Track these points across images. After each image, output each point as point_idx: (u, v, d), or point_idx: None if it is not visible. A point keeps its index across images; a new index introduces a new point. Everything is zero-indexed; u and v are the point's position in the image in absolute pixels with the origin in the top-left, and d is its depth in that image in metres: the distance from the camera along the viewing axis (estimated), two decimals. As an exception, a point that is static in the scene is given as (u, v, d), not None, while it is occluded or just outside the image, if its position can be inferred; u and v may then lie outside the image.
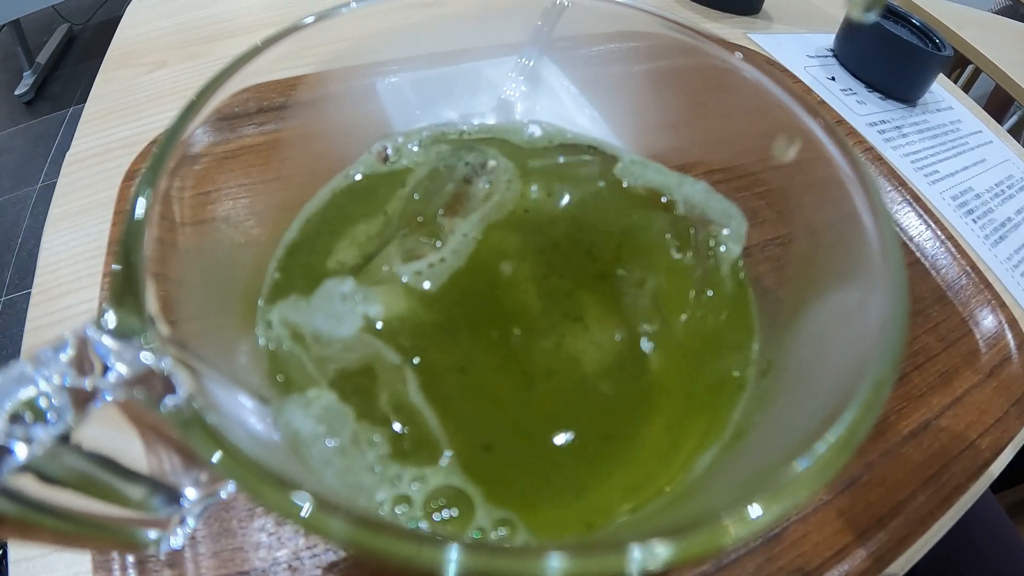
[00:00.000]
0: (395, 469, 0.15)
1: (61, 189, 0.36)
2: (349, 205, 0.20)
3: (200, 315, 0.14)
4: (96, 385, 0.11)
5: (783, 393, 0.15)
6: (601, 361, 0.18)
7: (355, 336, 0.16)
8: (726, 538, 0.10)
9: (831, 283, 0.16)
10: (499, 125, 0.24)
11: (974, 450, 0.30)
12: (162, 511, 0.13)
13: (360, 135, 0.23)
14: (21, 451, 0.10)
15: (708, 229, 0.20)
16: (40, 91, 1.97)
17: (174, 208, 0.14)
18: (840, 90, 0.51)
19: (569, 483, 0.16)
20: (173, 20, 0.51)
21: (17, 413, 0.11)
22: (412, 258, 0.18)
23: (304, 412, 0.15)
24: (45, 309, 0.30)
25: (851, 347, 0.13)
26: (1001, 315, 0.37)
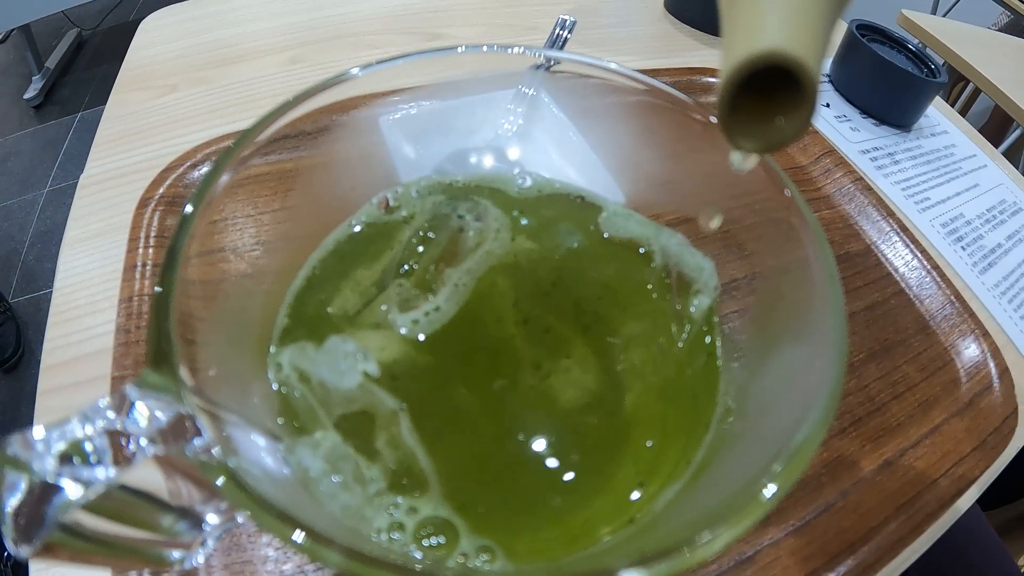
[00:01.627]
0: (391, 500, 0.17)
1: (76, 212, 0.38)
2: (352, 254, 0.22)
3: (219, 362, 0.16)
4: (136, 434, 0.12)
5: (738, 437, 0.17)
6: (580, 402, 0.19)
7: (356, 388, 0.18)
8: (686, 564, 0.11)
9: (785, 340, 0.17)
10: (492, 175, 0.26)
11: (948, 478, 0.31)
12: (187, 535, 0.15)
13: (364, 181, 0.24)
14: (71, 489, 0.12)
15: (682, 281, 0.21)
16: (49, 96, 1.98)
17: (193, 271, 0.16)
18: (834, 117, 0.52)
19: (546, 514, 0.18)
20: (184, 42, 0.53)
21: (66, 455, 0.12)
22: (409, 308, 0.20)
23: (312, 452, 0.17)
24: (62, 330, 0.32)
25: (796, 400, 0.14)
26: (984, 344, 0.38)
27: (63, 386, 0.30)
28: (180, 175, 0.38)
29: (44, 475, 0.12)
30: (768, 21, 0.11)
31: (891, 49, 0.56)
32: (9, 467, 0.12)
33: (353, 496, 0.16)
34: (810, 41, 0.11)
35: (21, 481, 0.12)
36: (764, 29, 0.11)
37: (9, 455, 0.12)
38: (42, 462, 0.12)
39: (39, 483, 0.12)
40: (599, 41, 0.55)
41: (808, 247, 0.16)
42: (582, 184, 0.25)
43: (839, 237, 0.41)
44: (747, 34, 0.11)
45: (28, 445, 0.12)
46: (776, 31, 0.11)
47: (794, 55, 0.10)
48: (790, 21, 0.11)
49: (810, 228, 0.16)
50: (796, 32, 0.11)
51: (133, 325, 0.31)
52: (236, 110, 0.45)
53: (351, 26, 0.55)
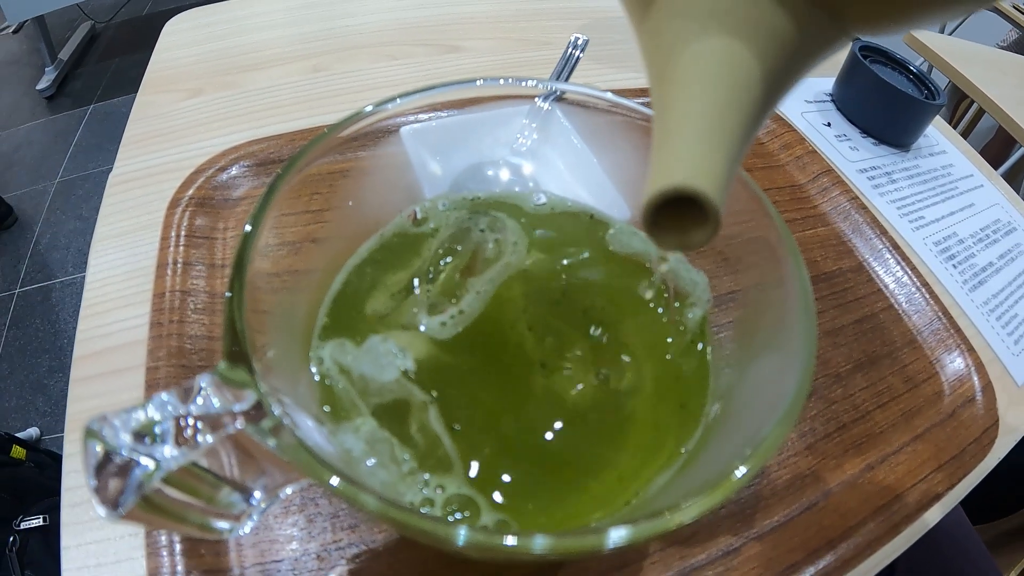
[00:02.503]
0: (421, 478, 0.20)
1: (105, 210, 0.40)
2: (384, 261, 0.25)
3: (274, 355, 0.18)
4: (208, 418, 0.15)
5: (721, 432, 0.19)
6: (586, 399, 0.22)
7: (393, 381, 0.21)
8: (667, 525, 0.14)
9: (764, 350, 0.19)
10: (510, 192, 0.28)
11: (927, 483, 0.33)
12: (237, 507, 0.17)
13: (390, 191, 0.27)
14: (149, 464, 0.14)
15: (679, 294, 0.24)
16: (61, 87, 2.01)
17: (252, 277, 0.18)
18: (834, 136, 0.54)
19: (553, 496, 0.20)
20: (207, 47, 0.55)
21: (141, 434, 0.15)
22: (436, 312, 0.23)
23: (353, 435, 0.20)
24: (94, 323, 0.34)
25: (770, 400, 0.17)
26: (968, 359, 0.40)
27: (94, 375, 0.32)
28: (209, 177, 0.40)
29: (122, 451, 0.14)
30: (678, 160, 0.14)
31: (892, 70, 0.57)
32: (92, 439, 0.14)
33: (389, 474, 0.19)
34: (713, 177, 0.13)
35: (101, 453, 0.14)
36: (674, 167, 0.14)
37: (93, 430, 0.14)
38: (119, 440, 0.14)
39: (121, 458, 0.14)
40: (611, 58, 0.57)
41: (786, 268, 0.18)
42: (592, 202, 0.28)
43: (833, 254, 0.43)
44: (662, 169, 0.14)
45: (107, 423, 0.14)
46: (683, 169, 0.13)
47: (696, 190, 0.13)
48: (696, 160, 0.14)
49: (787, 250, 0.18)
50: (700, 170, 0.13)
51: (166, 319, 0.33)
52: (260, 115, 0.47)
53: (370, 36, 0.57)
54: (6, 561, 0.79)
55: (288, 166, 0.20)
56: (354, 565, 0.25)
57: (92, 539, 0.26)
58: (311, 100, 0.49)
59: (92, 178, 1.69)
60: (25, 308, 1.39)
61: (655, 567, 0.27)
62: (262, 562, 0.25)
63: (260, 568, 0.25)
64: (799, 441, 0.33)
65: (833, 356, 0.38)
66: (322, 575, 0.25)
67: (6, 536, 0.81)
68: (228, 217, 0.39)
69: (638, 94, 0.51)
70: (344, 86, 0.51)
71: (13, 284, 1.43)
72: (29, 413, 1.21)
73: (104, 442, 0.14)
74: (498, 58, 0.57)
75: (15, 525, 0.82)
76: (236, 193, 0.40)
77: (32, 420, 1.20)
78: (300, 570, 0.25)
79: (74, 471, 0.28)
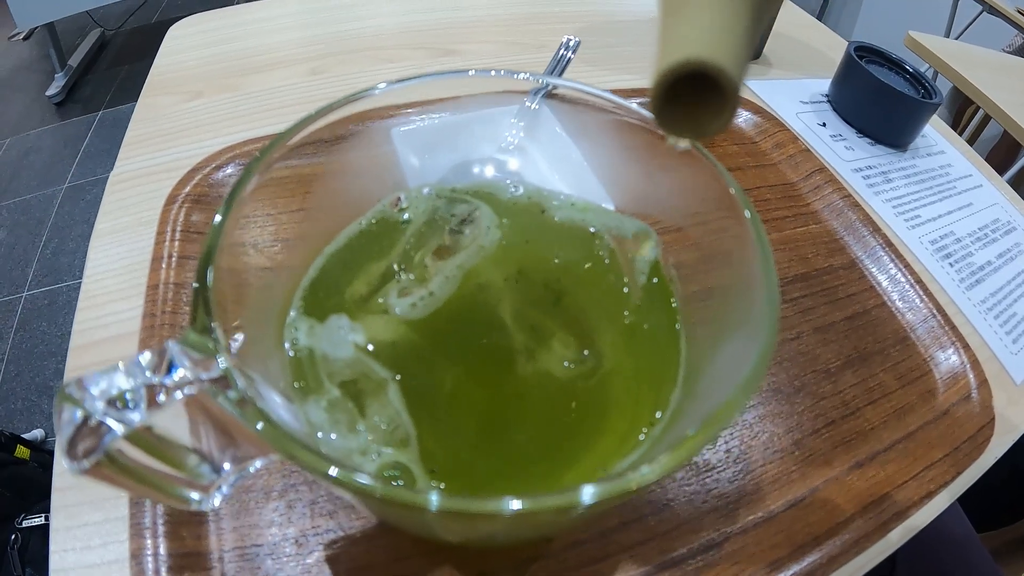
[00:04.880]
0: (377, 451, 0.20)
1: (106, 207, 0.40)
2: (361, 248, 0.25)
3: (246, 333, 0.19)
4: (174, 382, 0.15)
5: (687, 413, 0.19)
6: (552, 377, 0.22)
7: (350, 358, 0.21)
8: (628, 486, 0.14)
9: (733, 328, 0.20)
10: (488, 182, 0.29)
11: (918, 481, 0.33)
12: (206, 478, 0.17)
13: (375, 187, 0.27)
14: (116, 427, 0.14)
15: (628, 244, 0.24)
16: (71, 93, 2.04)
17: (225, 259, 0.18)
18: (829, 136, 0.54)
19: (516, 475, 0.20)
20: (209, 51, 0.56)
21: (113, 399, 0.15)
22: (406, 294, 0.23)
23: (317, 409, 0.20)
24: (91, 314, 0.34)
25: (733, 374, 0.17)
26: (964, 356, 0.39)
27: (90, 364, 0.32)
28: (206, 175, 0.41)
29: (94, 412, 0.14)
30: (692, 31, 0.13)
31: (888, 70, 0.57)
32: (67, 403, 0.14)
33: (348, 444, 0.19)
34: (729, 50, 0.12)
35: (76, 415, 0.14)
36: (688, 39, 0.12)
37: (67, 393, 0.15)
38: (93, 402, 0.15)
39: (92, 420, 0.14)
40: (604, 60, 0.58)
41: (754, 258, 0.18)
42: (570, 192, 0.28)
43: (824, 251, 0.43)
44: (674, 41, 0.13)
45: (82, 387, 0.15)
46: (698, 41, 0.12)
47: (713, 62, 0.12)
48: (711, 31, 0.12)
49: (756, 242, 0.19)
50: (716, 42, 0.12)
51: (159, 310, 0.33)
52: (259, 117, 0.48)
53: (369, 40, 0.58)
54: (7, 558, 0.80)
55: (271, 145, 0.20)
56: (332, 551, 0.25)
57: (81, 522, 0.26)
58: (310, 102, 0.50)
59: (100, 184, 1.70)
60: (32, 311, 1.40)
61: (635, 560, 0.27)
62: (242, 546, 0.25)
63: (239, 552, 0.25)
64: (785, 437, 0.33)
65: (823, 352, 0.37)
66: (300, 560, 0.25)
67: (8, 534, 0.81)
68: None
69: (630, 95, 0.51)
70: (341, 88, 0.52)
71: (21, 287, 1.44)
72: (34, 415, 1.22)
73: (78, 404, 0.15)
74: (494, 61, 0.57)
75: (17, 523, 0.83)
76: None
77: (37, 422, 1.21)
78: (278, 555, 0.25)
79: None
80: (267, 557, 0.25)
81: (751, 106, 0.53)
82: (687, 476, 0.30)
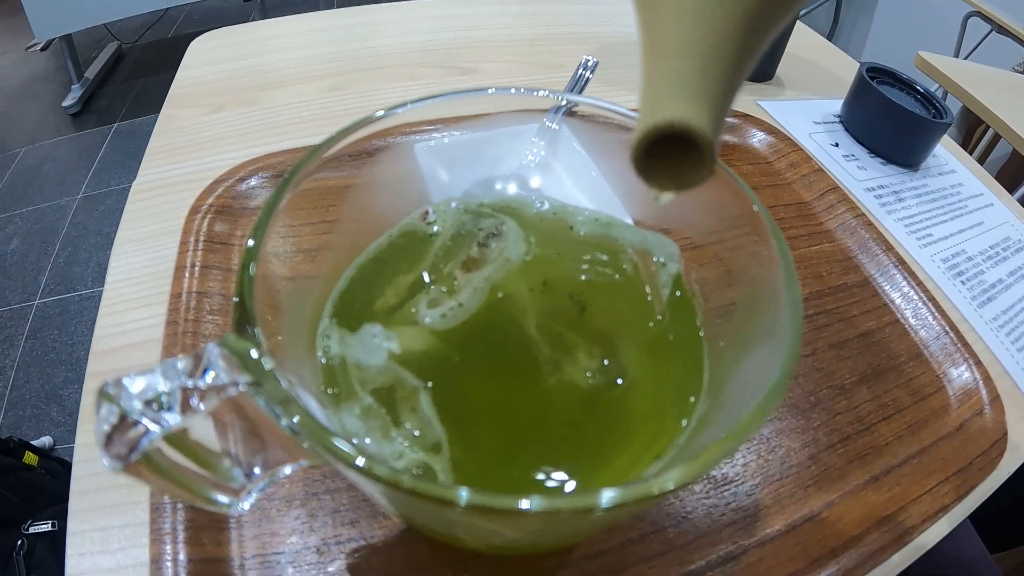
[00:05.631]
0: (411, 458, 0.20)
1: (128, 215, 0.41)
2: (390, 260, 0.26)
3: (283, 338, 0.19)
4: (210, 385, 0.15)
5: (711, 422, 0.20)
6: (579, 389, 0.23)
7: (383, 365, 0.22)
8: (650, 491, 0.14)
9: (757, 338, 0.20)
10: (514, 197, 0.29)
11: (932, 496, 0.33)
12: (237, 482, 0.18)
13: (400, 203, 0.28)
14: (153, 427, 0.15)
15: (651, 258, 0.25)
16: (87, 105, 2.06)
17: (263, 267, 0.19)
18: (842, 156, 0.55)
19: (539, 481, 0.20)
20: (229, 65, 0.57)
21: (150, 400, 0.15)
22: (435, 305, 0.24)
23: (351, 415, 0.21)
24: (112, 320, 0.35)
25: (756, 388, 0.17)
26: (977, 372, 0.39)
27: (110, 370, 0.33)
28: (229, 187, 0.41)
29: (132, 413, 0.15)
30: (668, 95, 0.13)
31: (899, 91, 0.58)
32: (106, 400, 0.15)
33: (381, 450, 0.19)
34: (705, 110, 0.13)
35: (114, 413, 0.15)
36: (664, 102, 0.13)
37: (106, 392, 0.15)
38: (130, 402, 0.15)
39: (129, 418, 0.15)
40: (621, 80, 0.58)
41: (778, 278, 0.19)
42: (593, 208, 0.29)
43: (838, 269, 0.44)
44: (651, 105, 0.13)
45: (120, 386, 0.15)
46: (675, 104, 0.13)
47: (686, 125, 0.13)
48: (686, 94, 0.13)
49: (780, 260, 0.19)
50: (691, 104, 0.13)
51: (181, 318, 0.34)
52: (280, 131, 0.49)
53: (388, 58, 0.59)
54: (13, 564, 0.80)
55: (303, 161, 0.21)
56: (353, 560, 0.26)
57: (99, 526, 0.27)
58: (329, 117, 0.51)
59: (114, 195, 1.73)
60: (43, 319, 1.41)
61: (653, 571, 0.27)
62: (263, 553, 0.26)
63: (260, 559, 0.25)
64: (801, 451, 0.33)
65: (838, 368, 0.38)
66: (321, 568, 0.25)
67: (14, 539, 0.81)
68: (245, 225, 0.40)
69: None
70: (361, 105, 0.53)
71: (33, 295, 1.46)
72: (43, 423, 1.23)
73: (116, 403, 0.15)
74: (510, 80, 0.58)
75: (24, 529, 0.83)
76: (254, 202, 0.41)
77: (46, 429, 1.21)
78: (300, 563, 0.25)
79: (85, 460, 0.29)
80: (288, 565, 0.25)
81: (765, 127, 0.54)
82: (705, 489, 0.30)
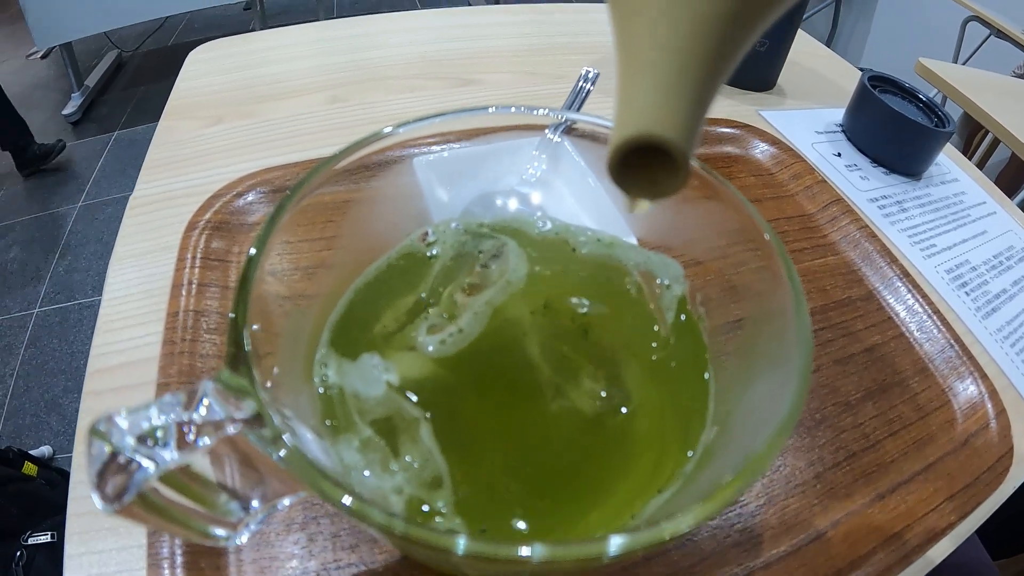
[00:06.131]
0: (410, 492, 0.20)
1: (125, 230, 0.41)
2: (389, 282, 0.26)
3: (278, 369, 0.19)
4: (205, 419, 0.15)
5: (719, 454, 0.19)
6: (583, 419, 0.22)
7: (382, 396, 0.21)
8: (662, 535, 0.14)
9: (764, 367, 0.20)
10: (515, 217, 0.29)
11: (938, 513, 0.32)
12: (234, 515, 0.17)
13: (400, 218, 0.28)
14: (148, 464, 0.14)
15: (655, 279, 0.25)
16: (87, 113, 2.07)
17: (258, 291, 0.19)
18: (844, 166, 0.55)
19: (545, 521, 0.20)
20: (228, 77, 0.57)
21: (143, 436, 0.15)
22: (435, 331, 0.23)
23: (349, 448, 0.20)
24: (109, 338, 0.34)
25: (765, 422, 0.17)
26: (982, 386, 0.39)
27: (106, 389, 0.32)
28: (226, 202, 0.41)
29: (125, 450, 0.14)
30: (640, 106, 0.13)
31: (902, 100, 0.58)
32: (97, 439, 0.14)
33: (382, 484, 0.19)
34: (678, 122, 0.13)
35: (105, 452, 0.14)
36: (638, 113, 0.13)
37: (98, 430, 0.15)
38: (123, 441, 0.15)
39: (122, 456, 0.14)
40: (620, 89, 0.58)
41: (786, 298, 0.18)
42: (596, 228, 0.28)
43: (843, 283, 0.43)
44: (624, 117, 0.13)
45: (113, 424, 0.15)
46: (647, 116, 0.13)
47: (661, 137, 0.13)
48: (659, 106, 0.13)
49: (786, 280, 0.19)
50: (664, 116, 0.13)
51: (178, 338, 0.34)
52: (279, 144, 0.48)
53: (388, 69, 0.59)
54: (12, 575, 0.79)
55: (301, 183, 0.20)
56: (355, 585, 0.25)
57: (96, 549, 0.26)
58: (328, 130, 0.51)
59: (114, 203, 1.73)
60: (43, 328, 1.41)
61: (659, 594, 0.27)
62: (263, 579, 0.25)
63: (261, 585, 0.25)
64: (807, 470, 0.33)
65: (843, 384, 0.37)
66: (322, 594, 0.25)
67: (14, 551, 0.81)
68: (243, 241, 0.39)
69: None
70: (361, 117, 0.53)
71: (33, 303, 1.45)
72: (43, 432, 1.23)
73: (108, 441, 0.15)
74: (512, 91, 0.58)
75: (23, 540, 0.82)
76: (252, 218, 0.41)
77: (46, 439, 1.21)
78: (300, 589, 0.25)
79: (82, 482, 0.28)
80: (289, 590, 0.25)
81: (768, 137, 0.54)
82: (709, 510, 0.30)
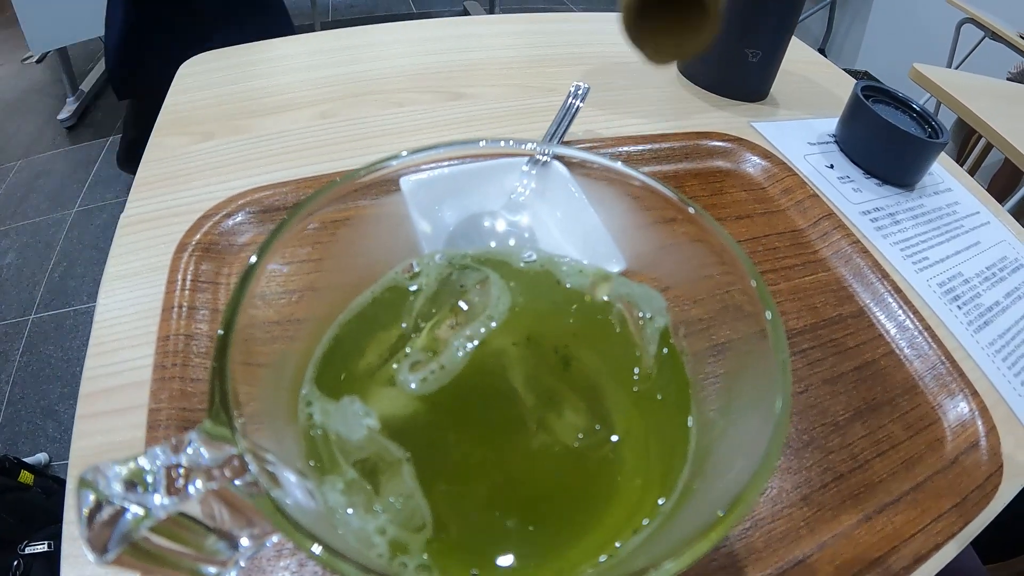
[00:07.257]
0: (392, 532, 0.20)
1: (116, 250, 0.41)
2: (373, 318, 0.26)
3: (261, 413, 0.19)
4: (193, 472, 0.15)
5: (698, 492, 0.19)
6: (564, 456, 0.22)
7: (364, 439, 0.21)
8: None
9: (745, 406, 0.20)
10: (499, 249, 0.29)
11: (926, 534, 0.32)
12: (224, 554, 0.18)
13: (387, 241, 0.28)
14: (138, 512, 0.15)
15: (637, 311, 0.25)
16: (82, 118, 2.06)
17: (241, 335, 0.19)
18: (837, 178, 0.55)
19: (527, 559, 0.20)
20: (219, 90, 0.56)
21: (132, 484, 0.15)
22: (417, 369, 0.23)
23: (332, 489, 0.20)
24: (101, 361, 0.34)
25: (744, 463, 0.17)
26: (972, 403, 0.39)
27: (100, 412, 0.32)
28: (216, 223, 0.41)
29: (114, 499, 0.15)
30: None
31: (895, 110, 0.58)
32: (86, 489, 0.15)
33: (365, 525, 0.19)
34: None
35: (92, 502, 0.14)
36: None
37: (87, 479, 0.15)
38: (111, 489, 0.15)
39: (112, 506, 0.15)
40: (612, 104, 0.58)
41: (766, 334, 0.19)
42: (586, 256, 0.28)
43: (833, 300, 0.43)
44: None
45: (101, 474, 0.15)
46: None
47: None
48: None
49: (765, 317, 0.19)
50: None
51: (169, 362, 0.34)
52: (269, 161, 0.48)
53: (379, 83, 0.59)
54: (9, 585, 0.80)
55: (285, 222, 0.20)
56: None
57: (90, 572, 0.26)
58: (319, 147, 0.51)
59: (109, 208, 1.73)
60: (39, 334, 1.41)
61: (646, 622, 0.27)
62: (252, 608, 0.25)
63: (250, 615, 0.25)
64: (794, 492, 0.33)
65: (831, 405, 0.37)
66: (310, 626, 0.25)
67: (10, 560, 0.81)
68: (232, 263, 0.40)
69: (639, 141, 0.52)
70: (351, 133, 0.52)
71: (28, 310, 1.45)
72: (39, 438, 1.23)
73: (96, 491, 0.15)
74: (503, 105, 0.58)
75: (20, 550, 0.82)
76: (241, 239, 0.41)
77: (42, 445, 1.21)
78: (289, 619, 0.25)
79: (75, 506, 0.28)
80: (278, 620, 0.25)
81: (759, 151, 0.54)
82: (696, 535, 0.30)
